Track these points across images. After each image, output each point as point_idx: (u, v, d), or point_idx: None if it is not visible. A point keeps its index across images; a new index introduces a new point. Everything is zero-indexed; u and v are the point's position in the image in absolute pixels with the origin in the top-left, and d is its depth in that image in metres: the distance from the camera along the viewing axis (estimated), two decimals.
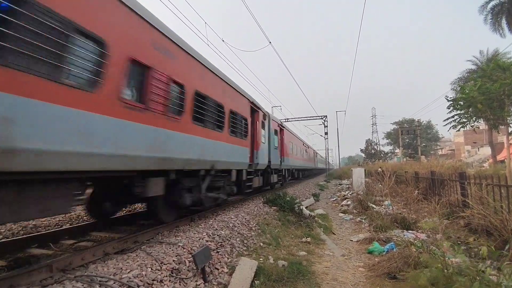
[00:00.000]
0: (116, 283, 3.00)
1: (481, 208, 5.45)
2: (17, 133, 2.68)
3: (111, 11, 3.84)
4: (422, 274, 3.78)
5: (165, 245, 4.43)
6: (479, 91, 13.10)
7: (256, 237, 6.07)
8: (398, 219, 7.25)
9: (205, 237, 5.06)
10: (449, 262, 3.94)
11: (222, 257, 4.55)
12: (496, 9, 28.14)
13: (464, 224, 5.91)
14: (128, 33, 4.13)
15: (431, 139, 65.63)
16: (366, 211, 9.36)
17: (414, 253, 4.43)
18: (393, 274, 4.35)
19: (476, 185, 6.38)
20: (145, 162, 4.52)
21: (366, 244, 6.24)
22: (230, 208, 8.62)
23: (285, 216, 8.35)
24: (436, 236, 5.44)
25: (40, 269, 3.22)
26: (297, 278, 4.34)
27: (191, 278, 3.69)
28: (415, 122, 54.92)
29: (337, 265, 5.16)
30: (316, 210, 10.46)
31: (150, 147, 4.59)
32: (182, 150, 5.54)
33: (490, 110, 13.50)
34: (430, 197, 8.27)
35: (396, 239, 5.90)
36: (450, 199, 7.44)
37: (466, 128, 16.46)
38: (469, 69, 32.77)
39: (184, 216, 6.67)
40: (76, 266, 3.57)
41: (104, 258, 3.95)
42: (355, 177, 15.42)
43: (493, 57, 28.60)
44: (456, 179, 7.51)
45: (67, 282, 2.93)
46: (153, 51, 4.65)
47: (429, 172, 10.05)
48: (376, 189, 12.41)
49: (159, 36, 4.83)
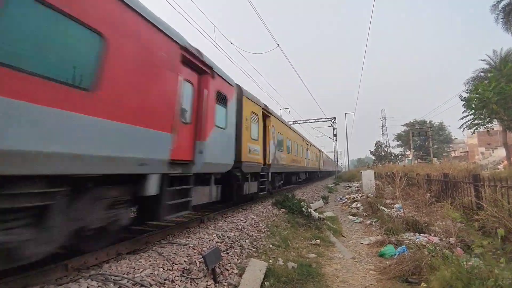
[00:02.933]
0: (130, 282, 3.07)
1: (495, 210, 5.33)
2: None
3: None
4: (435, 277, 3.73)
5: (176, 245, 4.49)
6: (494, 91, 12.83)
7: (265, 238, 6.08)
8: (409, 222, 7.14)
9: (215, 238, 5.10)
10: (463, 265, 3.88)
11: (232, 258, 4.58)
12: (508, 8, 27.55)
13: (478, 227, 5.78)
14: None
15: (443, 141, 64.36)
16: (376, 213, 9.25)
17: (426, 257, 4.36)
18: (405, 277, 4.29)
19: (490, 187, 6.24)
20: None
21: (377, 247, 6.17)
22: (239, 210, 8.64)
23: (294, 218, 8.33)
24: (450, 240, 5.35)
25: (55, 268, 3.31)
26: (307, 280, 4.33)
27: (202, 278, 3.72)
28: (427, 124, 53.99)
29: (347, 268, 5.12)
30: (325, 213, 10.39)
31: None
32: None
33: (505, 111, 13.20)
34: (443, 200, 8.12)
35: (408, 242, 5.81)
36: (464, 202, 7.29)
37: (480, 129, 16.11)
38: (483, 69, 32.13)
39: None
40: (91, 265, 3.66)
41: (117, 257, 4.03)
42: (364, 180, 15.27)
43: (506, 56, 27.97)
44: (470, 181, 7.36)
45: (82, 281, 3.00)
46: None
47: (441, 175, 9.87)
48: (387, 191, 12.26)
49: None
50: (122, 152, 3.75)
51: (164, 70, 4.69)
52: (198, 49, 5.89)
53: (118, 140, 3.69)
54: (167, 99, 4.78)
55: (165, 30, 4.72)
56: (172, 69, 4.94)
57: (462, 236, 5.58)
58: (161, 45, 4.65)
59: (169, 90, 4.84)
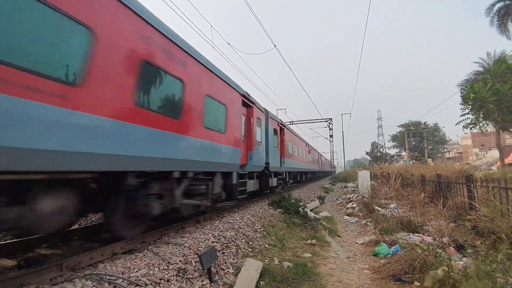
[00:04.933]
0: (125, 281, 3.07)
1: (488, 211, 5.41)
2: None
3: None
4: (428, 276, 3.79)
5: (171, 245, 4.49)
6: (491, 91, 13.02)
7: (261, 238, 6.10)
8: (404, 222, 7.22)
9: (211, 238, 5.11)
10: (455, 264, 3.94)
11: (227, 258, 4.60)
12: (502, 11, 27.92)
13: (471, 227, 5.86)
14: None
15: (438, 142, 65.01)
16: (371, 213, 9.32)
17: (420, 256, 4.42)
18: (398, 276, 4.34)
19: (483, 188, 6.33)
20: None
21: (372, 247, 6.23)
22: (235, 210, 8.66)
23: (290, 218, 8.37)
24: (443, 239, 5.42)
25: (50, 268, 3.30)
26: (302, 279, 4.36)
27: (197, 278, 3.74)
28: (422, 125, 54.45)
29: (342, 267, 5.16)
30: (322, 213, 10.44)
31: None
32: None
33: (498, 112, 13.40)
34: (437, 200, 8.22)
35: (402, 241, 5.87)
36: (457, 202, 7.38)
37: (477, 128, 16.35)
38: (476, 71, 32.53)
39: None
40: (86, 265, 3.65)
41: (112, 257, 4.02)
42: (360, 180, 15.35)
43: (500, 59, 28.33)
44: (463, 182, 7.45)
45: (77, 281, 3.00)
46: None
47: (435, 175, 9.98)
48: (382, 192, 12.35)
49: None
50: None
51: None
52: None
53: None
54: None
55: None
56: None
57: (454, 236, 5.65)
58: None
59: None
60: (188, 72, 5.63)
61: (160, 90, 4.86)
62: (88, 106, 3.43)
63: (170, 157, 5.00)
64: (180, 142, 5.38)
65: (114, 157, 3.82)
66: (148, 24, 4.48)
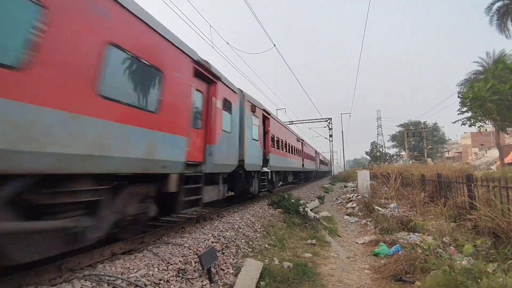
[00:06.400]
0: (124, 282, 3.05)
1: (488, 210, 5.39)
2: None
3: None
4: (429, 276, 3.77)
5: (171, 245, 4.47)
6: (492, 90, 13.04)
7: (261, 238, 6.08)
8: (404, 222, 7.20)
9: (211, 238, 5.09)
10: (456, 264, 3.92)
11: (227, 258, 4.58)
12: (502, 10, 27.93)
13: (471, 226, 5.85)
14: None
15: (437, 142, 65.02)
16: (371, 213, 9.31)
17: (420, 256, 4.40)
18: (399, 276, 4.33)
19: (483, 187, 6.31)
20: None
21: (372, 247, 6.21)
22: (235, 210, 8.64)
23: (290, 218, 8.35)
24: (443, 239, 5.40)
25: (49, 269, 3.28)
26: (303, 279, 4.35)
27: (197, 278, 3.72)
28: (421, 124, 54.48)
29: (342, 267, 5.15)
30: (321, 213, 10.43)
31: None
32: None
33: (497, 111, 13.40)
34: (437, 200, 8.20)
35: (402, 241, 5.86)
36: (457, 202, 7.36)
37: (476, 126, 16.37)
38: (476, 70, 32.55)
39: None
40: (85, 266, 3.63)
41: (111, 258, 4.00)
42: (360, 180, 15.34)
43: (499, 58, 28.35)
44: (463, 181, 7.44)
45: (75, 281, 2.97)
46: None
47: (435, 175, 9.97)
48: (382, 191, 12.34)
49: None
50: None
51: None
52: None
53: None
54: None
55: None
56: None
57: (455, 235, 5.63)
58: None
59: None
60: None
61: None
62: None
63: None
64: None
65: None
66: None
